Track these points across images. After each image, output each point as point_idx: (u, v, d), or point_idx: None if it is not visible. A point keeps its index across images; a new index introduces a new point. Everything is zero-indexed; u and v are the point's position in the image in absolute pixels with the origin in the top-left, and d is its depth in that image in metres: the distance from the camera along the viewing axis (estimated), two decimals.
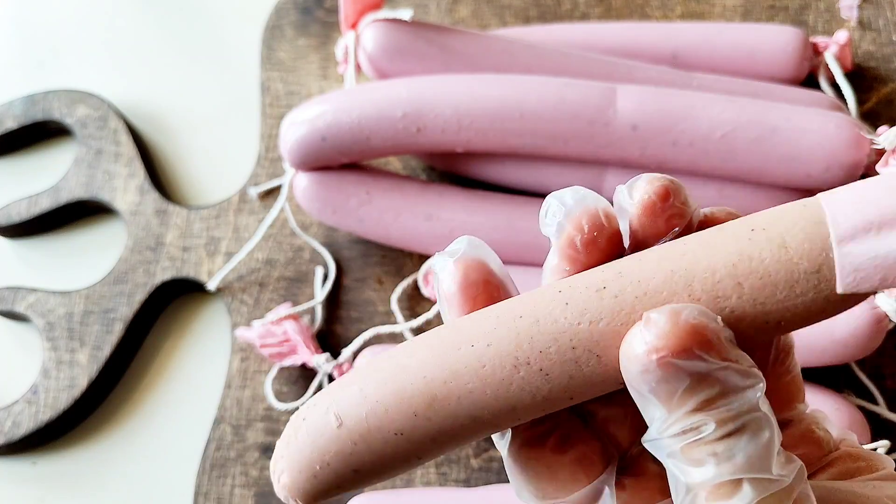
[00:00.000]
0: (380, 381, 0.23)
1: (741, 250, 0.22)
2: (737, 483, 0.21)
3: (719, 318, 0.21)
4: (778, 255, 0.21)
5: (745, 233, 0.22)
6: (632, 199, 0.24)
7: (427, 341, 0.23)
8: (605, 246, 0.24)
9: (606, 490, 0.24)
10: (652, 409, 0.21)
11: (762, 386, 0.21)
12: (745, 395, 0.21)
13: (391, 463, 0.23)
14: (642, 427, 0.23)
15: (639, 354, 0.21)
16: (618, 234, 0.24)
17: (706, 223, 0.24)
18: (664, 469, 0.22)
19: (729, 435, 0.21)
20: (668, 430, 0.21)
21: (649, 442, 0.22)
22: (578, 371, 0.22)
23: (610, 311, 0.22)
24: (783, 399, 0.26)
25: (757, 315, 0.21)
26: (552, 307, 0.22)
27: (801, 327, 0.23)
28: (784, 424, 0.26)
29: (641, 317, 0.21)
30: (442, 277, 0.24)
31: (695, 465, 0.21)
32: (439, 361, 0.22)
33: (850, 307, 0.22)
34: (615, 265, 0.23)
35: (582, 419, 0.25)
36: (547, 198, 0.25)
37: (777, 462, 0.21)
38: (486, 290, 0.24)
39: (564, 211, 0.24)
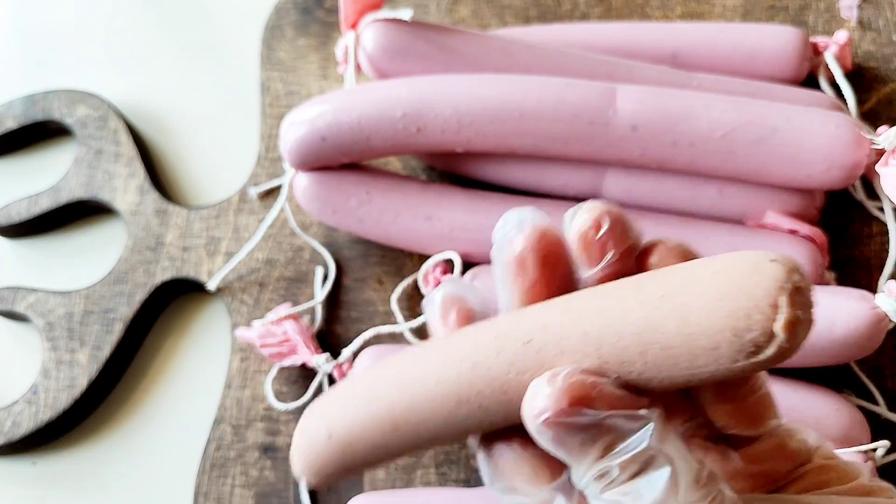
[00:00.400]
0: (359, 406, 0.27)
1: (647, 317, 0.23)
2: None
3: (598, 373, 0.23)
4: (679, 329, 0.22)
5: (655, 299, 0.23)
6: (571, 227, 0.26)
7: (392, 372, 0.27)
8: (538, 265, 0.26)
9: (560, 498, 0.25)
10: (566, 461, 0.24)
11: (651, 426, 0.23)
12: (638, 437, 0.23)
13: (372, 463, 0.27)
14: None
15: (529, 419, 0.23)
16: (560, 250, 0.26)
17: (645, 253, 0.26)
18: None
19: (634, 475, 0.23)
20: (582, 478, 0.23)
21: (577, 487, 0.24)
22: (512, 409, 0.24)
23: (533, 363, 0.24)
24: (750, 418, 0.27)
25: (663, 379, 0.23)
26: (487, 354, 0.25)
27: (722, 383, 0.24)
28: (752, 441, 0.27)
29: None
30: (428, 314, 0.28)
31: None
32: (402, 393, 0.26)
33: (778, 364, 0.23)
34: (543, 314, 0.25)
35: None
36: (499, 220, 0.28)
37: (689, 493, 0.22)
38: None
39: (503, 232, 0.28)
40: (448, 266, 0.52)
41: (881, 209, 0.52)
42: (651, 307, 0.23)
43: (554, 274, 0.26)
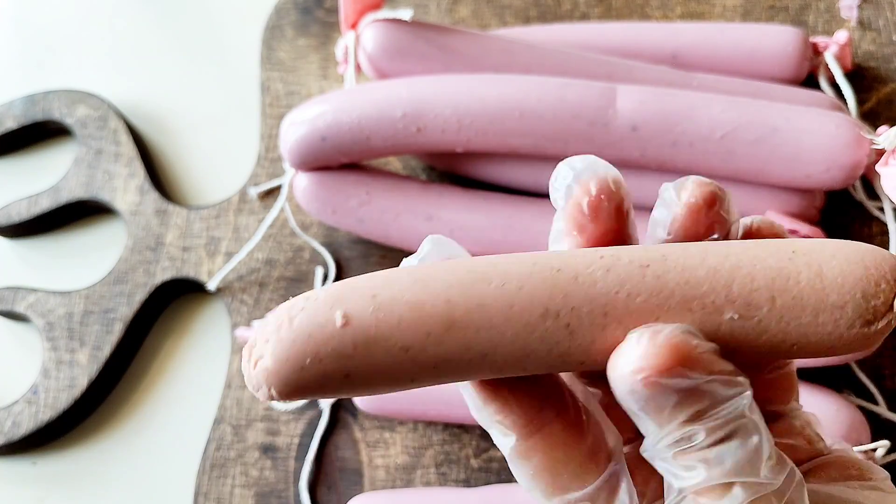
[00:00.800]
0: (398, 291, 0.22)
1: (781, 267, 0.22)
2: (727, 486, 0.21)
3: (700, 335, 0.22)
4: (813, 282, 0.22)
5: (787, 253, 0.23)
6: (679, 199, 0.24)
7: (452, 268, 0.22)
8: (613, 213, 0.24)
9: (623, 482, 0.24)
10: (644, 424, 0.22)
11: (749, 393, 0.22)
12: (732, 403, 0.21)
13: (384, 378, 0.22)
14: None
15: (625, 375, 0.21)
16: (624, 204, 0.24)
17: (748, 235, 0.25)
18: None
19: (718, 442, 0.21)
20: (661, 441, 0.22)
21: (645, 452, 0.23)
22: (602, 337, 0.22)
23: (650, 289, 0.22)
24: (778, 392, 0.27)
25: (778, 332, 0.22)
26: (592, 269, 0.22)
27: (807, 356, 0.23)
28: (778, 416, 0.27)
29: (677, 303, 0.22)
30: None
31: (687, 470, 0.21)
32: (467, 290, 0.22)
33: (858, 351, 0.23)
34: (660, 248, 0.23)
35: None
36: (558, 165, 0.25)
37: (767, 465, 0.21)
38: None
39: (573, 174, 0.24)
40: None
41: (881, 209, 0.52)
42: (784, 259, 0.23)
43: (622, 230, 0.24)
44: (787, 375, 0.27)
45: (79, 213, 0.59)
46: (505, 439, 0.24)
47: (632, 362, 0.21)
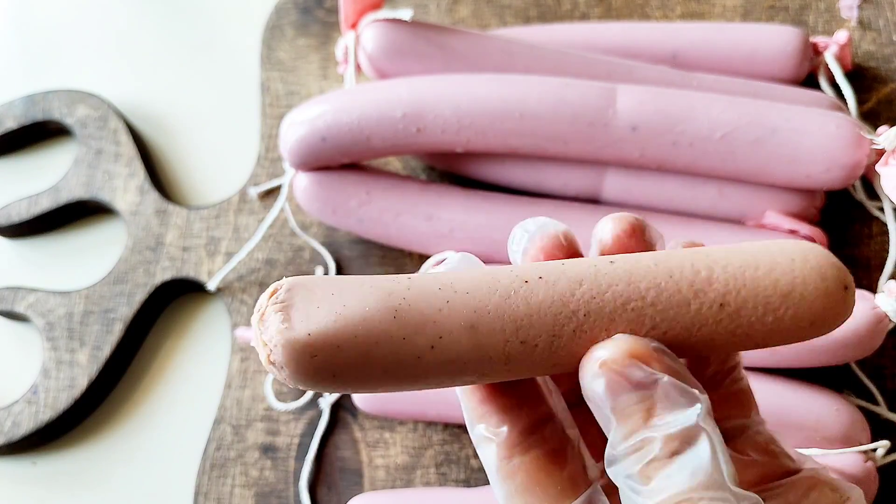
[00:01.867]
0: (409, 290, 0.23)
1: (746, 259, 0.25)
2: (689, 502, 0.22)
3: (657, 343, 0.24)
4: (769, 271, 0.25)
5: (739, 250, 0.26)
6: (608, 233, 0.27)
7: (473, 273, 0.25)
8: None
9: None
10: (606, 424, 0.24)
11: (702, 406, 0.23)
12: (687, 412, 0.23)
13: (391, 375, 0.23)
14: None
15: (590, 365, 0.24)
16: (577, 254, 0.27)
17: None
18: None
19: (674, 453, 0.22)
20: (620, 445, 0.23)
21: (610, 466, 0.24)
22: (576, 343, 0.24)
23: (650, 277, 0.25)
24: (735, 406, 0.28)
25: (750, 316, 0.24)
26: (605, 270, 0.25)
27: (772, 344, 0.25)
28: (738, 433, 0.28)
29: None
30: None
31: (645, 483, 0.22)
32: (490, 291, 0.24)
33: (829, 321, 0.25)
34: (634, 256, 0.26)
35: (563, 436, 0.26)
36: (513, 229, 0.28)
37: (730, 480, 0.22)
38: None
39: (528, 236, 0.27)
40: None
41: (881, 209, 0.52)
42: (746, 253, 0.25)
43: None
44: (743, 390, 0.28)
45: (79, 213, 0.59)
46: (490, 456, 0.26)
47: (597, 356, 0.24)
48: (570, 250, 0.27)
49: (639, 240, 0.27)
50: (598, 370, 0.23)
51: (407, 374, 0.23)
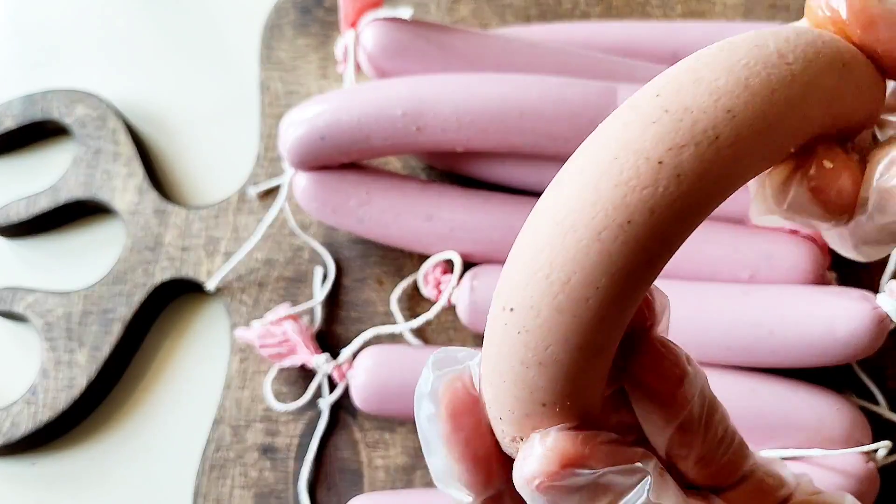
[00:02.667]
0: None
1: None
2: None
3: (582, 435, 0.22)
4: None
5: None
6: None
7: None
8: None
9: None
10: None
11: (649, 480, 0.22)
12: (636, 492, 0.22)
13: None
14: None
15: (522, 483, 0.21)
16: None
17: None
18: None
19: None
20: None
21: None
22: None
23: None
24: (729, 472, 0.26)
25: None
26: None
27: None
28: (737, 484, 0.26)
29: None
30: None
31: None
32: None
33: None
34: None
35: None
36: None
37: None
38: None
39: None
40: (448, 266, 0.52)
41: None
42: None
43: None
44: (735, 449, 0.26)
45: (77, 213, 0.59)
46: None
47: (526, 471, 0.21)
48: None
49: None
50: (534, 491, 0.21)
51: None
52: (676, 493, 0.23)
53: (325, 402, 0.50)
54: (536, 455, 0.21)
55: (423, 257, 0.53)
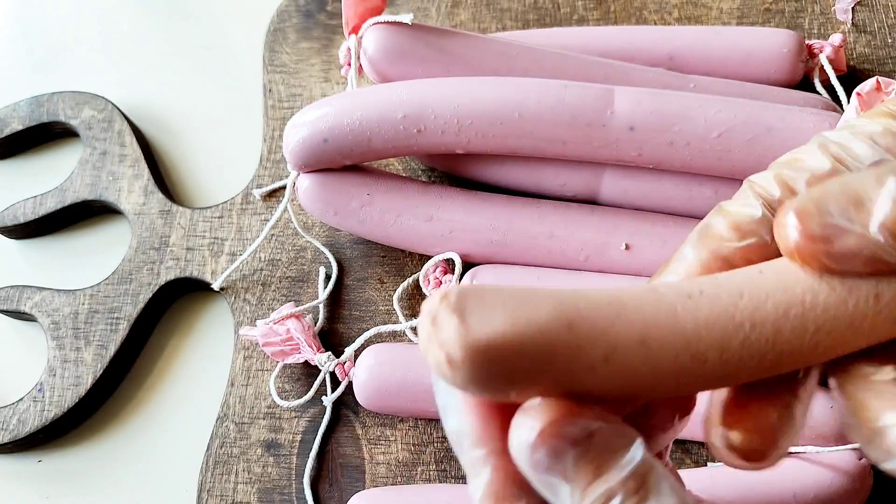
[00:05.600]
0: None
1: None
2: None
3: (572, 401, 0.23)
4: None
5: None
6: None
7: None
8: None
9: None
10: (559, 493, 0.23)
11: (640, 441, 0.23)
12: (631, 451, 0.22)
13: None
14: None
15: (520, 441, 0.23)
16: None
17: None
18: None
19: (636, 493, 0.22)
20: None
21: None
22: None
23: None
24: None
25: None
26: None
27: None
28: None
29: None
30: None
31: None
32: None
33: None
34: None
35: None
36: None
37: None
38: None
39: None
40: (448, 266, 0.52)
41: None
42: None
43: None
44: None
45: (84, 214, 0.60)
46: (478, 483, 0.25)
47: (526, 431, 0.22)
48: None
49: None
50: (534, 443, 0.22)
51: (578, 383, 0.23)
52: (668, 474, 0.23)
53: (328, 399, 0.51)
54: (530, 417, 0.22)
55: (424, 257, 0.53)
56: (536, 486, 0.23)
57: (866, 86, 0.44)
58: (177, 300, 0.57)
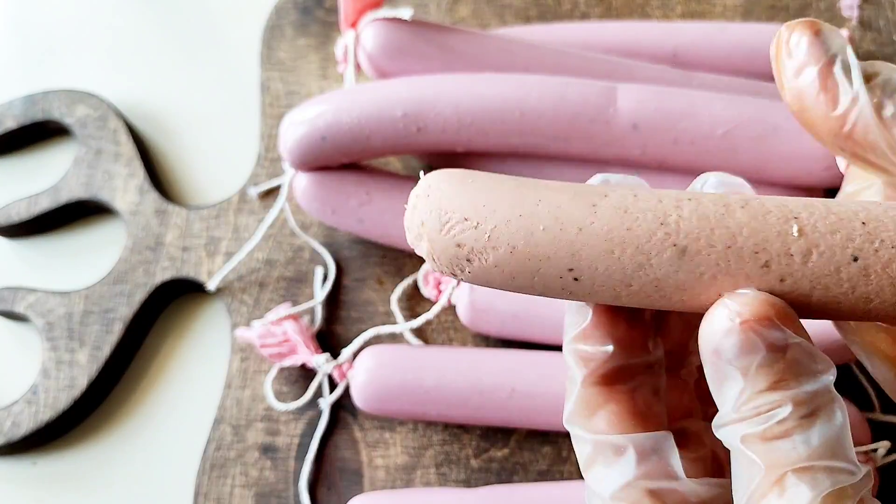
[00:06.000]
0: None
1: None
2: (808, 470, 0.21)
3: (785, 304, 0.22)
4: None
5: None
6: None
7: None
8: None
9: (672, 449, 0.24)
10: (728, 386, 0.22)
11: (834, 372, 0.22)
12: (820, 378, 0.22)
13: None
14: (704, 404, 0.25)
15: (722, 319, 0.22)
16: None
17: None
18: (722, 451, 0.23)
19: (805, 417, 0.21)
20: (743, 407, 0.22)
21: (721, 427, 0.22)
22: (704, 284, 0.23)
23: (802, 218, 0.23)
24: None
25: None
26: (728, 204, 0.23)
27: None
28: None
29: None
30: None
31: (769, 449, 0.21)
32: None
33: None
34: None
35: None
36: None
37: (851, 452, 0.21)
38: None
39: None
40: None
41: None
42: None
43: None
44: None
45: (78, 213, 0.59)
46: (577, 372, 0.25)
47: (731, 309, 0.22)
48: None
49: None
50: (733, 325, 0.21)
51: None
52: (843, 414, 0.22)
53: (326, 402, 0.50)
54: (744, 298, 0.22)
55: (422, 258, 0.53)
56: (707, 368, 0.23)
57: None
58: (172, 301, 0.57)
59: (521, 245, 0.24)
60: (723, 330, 0.22)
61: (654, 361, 0.26)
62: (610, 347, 0.25)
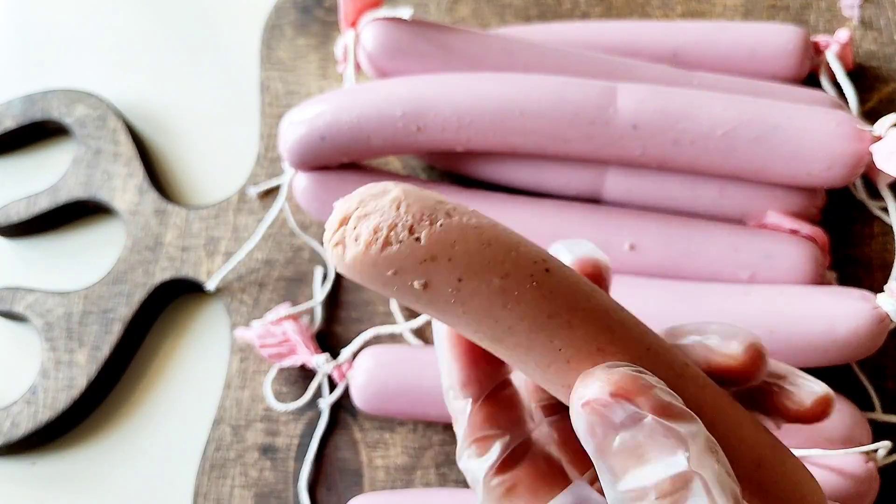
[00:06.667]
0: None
1: None
2: None
3: (653, 378, 0.23)
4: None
5: None
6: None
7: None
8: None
9: (585, 489, 0.26)
10: (598, 466, 0.22)
11: (687, 453, 0.21)
12: (676, 456, 0.21)
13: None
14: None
15: (573, 402, 0.23)
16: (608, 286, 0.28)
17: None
18: None
19: (670, 498, 0.21)
20: (611, 491, 0.22)
21: None
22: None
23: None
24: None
25: None
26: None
27: None
28: None
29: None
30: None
31: None
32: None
33: None
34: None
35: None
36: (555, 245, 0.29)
37: None
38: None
39: (570, 257, 0.28)
40: None
41: (883, 209, 0.52)
42: None
43: None
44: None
45: (77, 213, 0.59)
46: (479, 472, 0.27)
47: (578, 395, 0.22)
48: (606, 283, 0.28)
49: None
50: (580, 409, 0.22)
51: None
52: (725, 460, 0.21)
53: (325, 402, 0.50)
54: (593, 378, 0.22)
55: None
56: (580, 439, 0.23)
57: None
58: (172, 301, 0.57)
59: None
60: (574, 412, 0.22)
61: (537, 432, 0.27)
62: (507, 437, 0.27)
